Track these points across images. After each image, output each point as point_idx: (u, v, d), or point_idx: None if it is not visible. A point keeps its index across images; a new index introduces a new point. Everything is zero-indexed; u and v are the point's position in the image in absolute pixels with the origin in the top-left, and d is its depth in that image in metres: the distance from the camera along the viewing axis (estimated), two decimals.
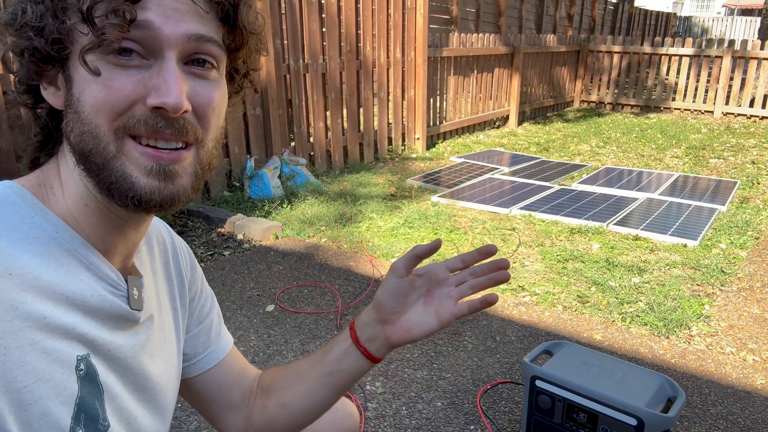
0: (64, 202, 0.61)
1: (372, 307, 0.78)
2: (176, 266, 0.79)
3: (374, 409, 1.89)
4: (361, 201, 4.07)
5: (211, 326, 0.85)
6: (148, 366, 0.68)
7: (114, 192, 0.57)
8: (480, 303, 0.76)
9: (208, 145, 0.61)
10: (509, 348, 2.27)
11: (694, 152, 5.98)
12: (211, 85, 0.60)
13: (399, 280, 0.76)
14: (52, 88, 0.59)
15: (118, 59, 0.54)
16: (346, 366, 0.79)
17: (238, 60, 0.65)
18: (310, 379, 0.82)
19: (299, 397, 0.82)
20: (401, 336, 0.77)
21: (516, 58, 7.35)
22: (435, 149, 6.03)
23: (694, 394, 1.99)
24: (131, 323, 0.65)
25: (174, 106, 0.54)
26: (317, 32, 4.59)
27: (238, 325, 2.40)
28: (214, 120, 0.61)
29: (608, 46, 8.85)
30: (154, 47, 0.55)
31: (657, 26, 17.35)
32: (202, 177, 0.62)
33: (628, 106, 8.87)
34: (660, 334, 2.37)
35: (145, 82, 0.55)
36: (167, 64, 0.55)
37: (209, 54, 0.59)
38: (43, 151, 0.63)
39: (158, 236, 0.78)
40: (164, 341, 0.74)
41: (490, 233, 3.52)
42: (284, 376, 0.86)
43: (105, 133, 0.55)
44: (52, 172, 0.62)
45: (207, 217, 3.59)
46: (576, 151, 6.14)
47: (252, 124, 4.24)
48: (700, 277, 2.91)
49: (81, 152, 0.57)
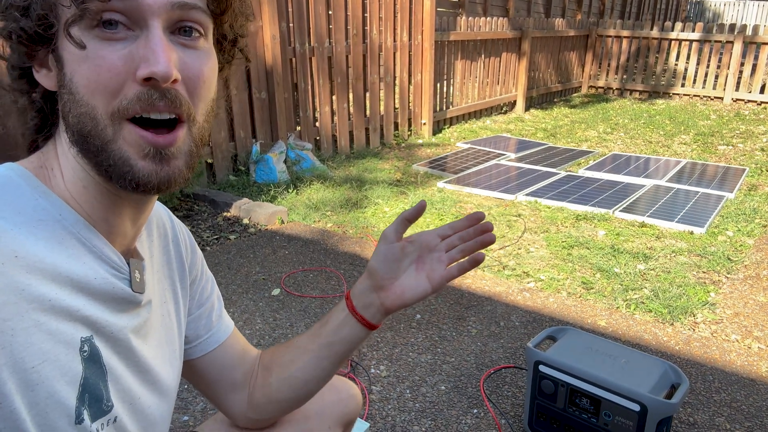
0: (64, 185, 0.61)
1: (366, 275, 0.81)
2: (176, 250, 0.80)
3: (378, 392, 1.91)
4: (367, 186, 4.07)
5: (213, 309, 0.86)
6: (146, 348, 0.69)
7: (112, 174, 0.57)
8: (468, 263, 0.78)
9: (199, 120, 0.61)
10: (513, 333, 2.28)
11: (702, 139, 5.93)
12: (200, 56, 0.59)
13: (390, 246, 0.78)
14: (44, 70, 0.59)
15: (104, 32, 0.54)
16: (344, 335, 0.81)
17: (225, 24, 0.64)
18: (308, 351, 0.83)
19: (299, 369, 0.84)
20: (395, 300, 0.79)
21: (524, 43, 7.27)
22: (441, 135, 6.01)
23: (698, 381, 2.00)
24: (133, 306, 0.66)
25: (163, 74, 0.54)
26: (323, 15, 4.56)
27: (243, 309, 2.41)
28: (205, 93, 0.60)
29: (617, 31, 8.74)
30: (137, 17, 0.54)
31: (668, 10, 17.11)
32: (197, 155, 0.62)
33: (636, 92, 8.79)
34: (664, 321, 2.37)
35: (132, 55, 0.54)
36: (153, 33, 0.55)
37: (195, 21, 0.58)
38: (40, 134, 0.63)
39: (158, 220, 0.78)
40: (163, 325, 0.74)
41: (495, 219, 3.51)
42: (284, 351, 0.87)
43: (101, 116, 0.55)
44: (50, 155, 0.62)
45: (213, 201, 3.60)
46: (583, 137, 6.10)
47: (257, 108, 4.23)
48: (706, 264, 2.90)
49: (79, 133, 0.57)
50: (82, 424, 0.57)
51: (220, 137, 4.00)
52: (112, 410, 0.62)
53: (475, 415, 1.82)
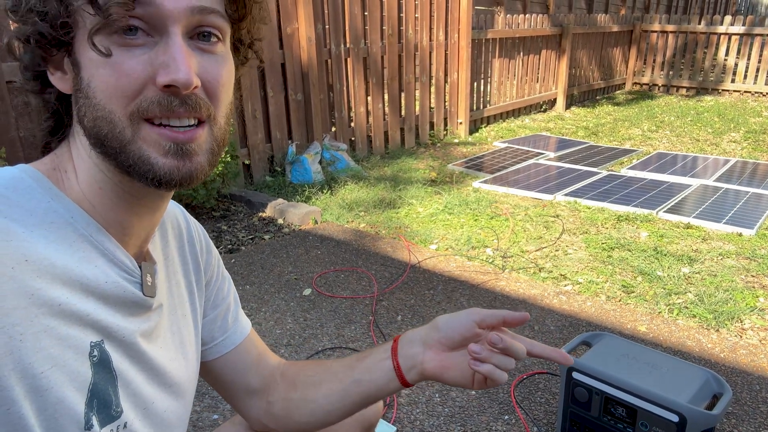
0: (78, 186, 0.61)
1: (427, 326, 0.76)
2: (191, 250, 0.79)
3: (407, 395, 1.88)
4: (401, 186, 4.05)
5: (228, 310, 0.85)
6: (158, 352, 0.68)
7: (133, 173, 0.57)
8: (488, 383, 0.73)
9: (220, 121, 0.61)
10: (548, 338, 2.21)
11: (753, 136, 5.66)
12: (218, 60, 0.59)
13: (471, 325, 0.72)
14: (59, 72, 0.59)
15: (123, 39, 0.54)
16: (375, 377, 0.77)
17: (242, 30, 0.64)
18: (337, 381, 0.80)
19: (324, 397, 0.81)
20: (435, 369, 0.74)
21: (564, 39, 7.11)
22: (478, 134, 5.93)
23: (743, 390, 1.90)
24: (144, 309, 0.65)
25: (184, 82, 0.54)
26: (359, 16, 4.56)
27: (275, 309, 2.43)
28: (224, 96, 0.61)
29: (662, 25, 8.45)
30: (158, 23, 0.54)
31: (717, 4, 16.46)
32: (218, 153, 0.62)
33: (682, 88, 8.48)
34: (709, 327, 2.26)
35: (152, 61, 0.54)
36: (173, 39, 0.54)
37: (214, 26, 0.58)
38: (54, 136, 0.64)
39: (173, 221, 0.78)
40: (178, 327, 0.74)
41: (532, 220, 3.44)
42: (314, 372, 0.85)
43: (120, 119, 0.55)
44: (64, 156, 0.62)
45: (249, 202, 3.64)
46: (626, 135, 5.91)
47: (293, 110, 4.26)
48: (756, 267, 2.76)
49: (96, 136, 0.57)
50: (91, 430, 0.57)
51: (257, 138, 4.05)
52: (121, 416, 0.61)
53: (506, 421, 1.77)
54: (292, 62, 4.16)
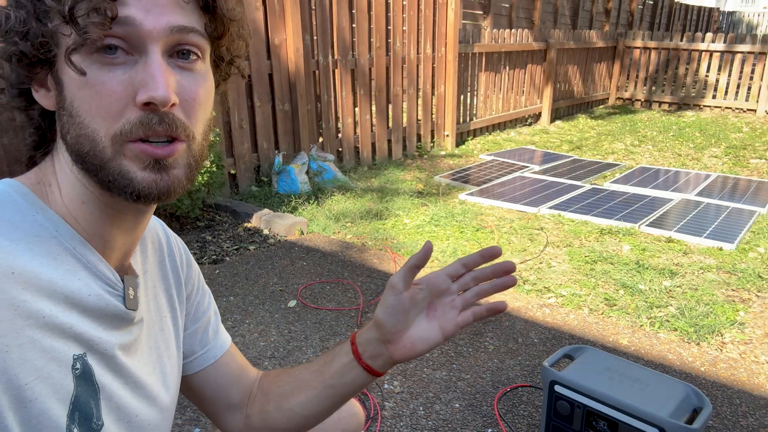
0: (62, 200, 0.61)
1: (372, 325, 0.75)
2: (172, 264, 0.79)
3: (391, 408, 1.88)
4: (388, 198, 4.06)
5: (209, 324, 0.85)
6: (137, 366, 0.68)
7: (113, 188, 0.58)
8: (486, 311, 0.72)
9: (198, 138, 0.62)
10: (531, 350, 2.23)
11: (734, 152, 5.77)
12: (197, 78, 0.60)
13: (398, 297, 0.72)
14: (43, 90, 0.60)
15: (103, 57, 0.54)
16: (348, 380, 0.77)
17: (222, 48, 0.64)
18: (311, 388, 0.80)
19: (299, 405, 0.81)
20: (405, 353, 0.74)
21: (550, 54, 7.21)
22: (464, 146, 5.97)
23: (723, 404, 1.92)
24: (126, 323, 0.66)
25: (162, 99, 0.54)
26: (347, 28, 4.58)
27: (259, 320, 2.41)
28: (201, 114, 0.61)
29: (644, 42, 8.61)
30: (137, 42, 0.55)
31: (699, 21, 16.81)
32: (195, 168, 0.62)
33: (664, 104, 8.62)
34: (690, 341, 2.29)
35: (132, 80, 0.55)
36: (152, 58, 0.55)
37: (193, 44, 0.59)
38: (38, 150, 0.64)
39: (153, 236, 0.78)
40: (159, 340, 0.74)
41: (517, 233, 3.46)
42: (285, 381, 0.85)
43: (102, 138, 0.56)
44: (48, 171, 0.63)
45: (234, 212, 3.63)
46: (610, 149, 5.99)
47: (280, 120, 4.26)
48: (736, 281, 2.80)
49: (77, 153, 0.58)
50: None
51: (244, 148, 4.04)
52: (102, 429, 0.61)
53: None
54: (280, 73, 4.17)
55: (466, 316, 0.73)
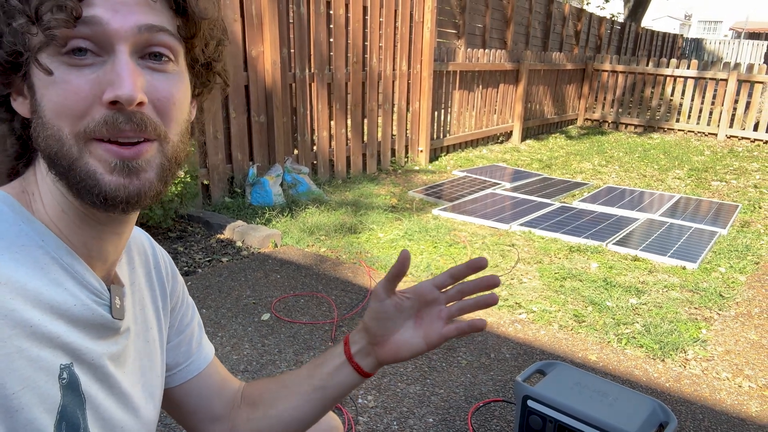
0: (44, 210, 0.61)
1: (362, 328, 0.80)
2: (158, 276, 0.80)
3: (365, 423, 1.88)
4: (363, 211, 4.08)
5: (192, 336, 0.86)
6: (124, 376, 0.68)
7: (81, 191, 0.57)
8: (468, 327, 0.75)
9: (173, 139, 0.61)
10: (503, 366, 2.26)
11: (696, 174, 5.98)
12: (169, 79, 0.59)
13: (381, 305, 0.77)
14: (20, 97, 0.60)
15: (72, 59, 0.54)
16: (338, 381, 0.80)
17: (196, 48, 0.63)
18: (300, 393, 0.82)
19: (288, 410, 0.82)
20: (390, 356, 0.78)
21: (521, 74, 7.38)
22: (438, 162, 6.05)
23: (687, 419, 1.98)
24: (112, 332, 0.66)
25: (128, 97, 0.54)
26: (324, 42, 4.62)
27: (232, 333, 2.39)
28: (176, 114, 0.60)
29: (612, 65, 8.89)
30: (104, 43, 0.55)
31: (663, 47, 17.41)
32: (170, 170, 0.61)
33: (631, 126, 8.89)
34: (655, 357, 2.36)
35: (100, 80, 0.55)
36: (119, 57, 0.55)
37: (163, 45, 0.58)
38: (20, 161, 0.64)
39: (139, 247, 0.78)
40: (145, 351, 0.74)
41: (489, 248, 3.52)
42: (273, 388, 0.86)
43: (67, 136, 0.56)
44: (30, 180, 0.63)
45: (207, 223, 3.60)
46: (578, 168, 6.14)
47: (256, 131, 4.26)
48: (698, 300, 2.90)
49: (48, 156, 0.57)
50: None
51: (218, 159, 4.02)
52: None
53: None
54: (257, 84, 4.17)
55: (450, 329, 0.76)
